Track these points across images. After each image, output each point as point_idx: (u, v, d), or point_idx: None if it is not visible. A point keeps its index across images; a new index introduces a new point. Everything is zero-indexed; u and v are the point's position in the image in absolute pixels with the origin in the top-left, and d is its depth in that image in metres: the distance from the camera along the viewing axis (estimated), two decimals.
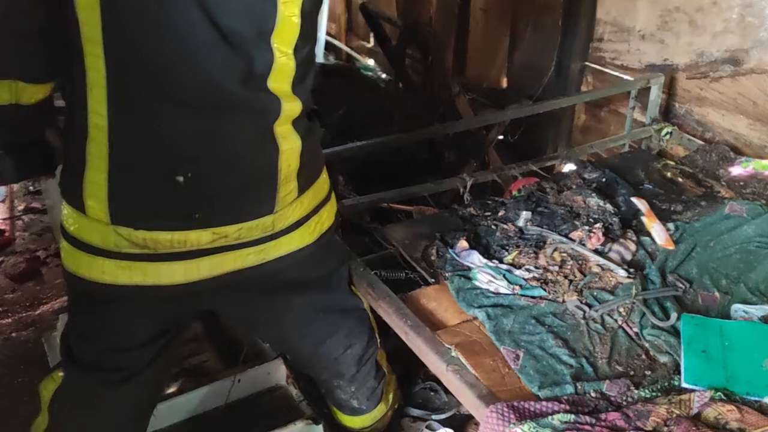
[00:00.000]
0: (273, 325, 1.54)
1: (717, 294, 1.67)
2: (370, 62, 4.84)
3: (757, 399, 1.33)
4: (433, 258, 1.84)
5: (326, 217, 1.40)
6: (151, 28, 1.01)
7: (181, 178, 1.11)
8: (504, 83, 3.57)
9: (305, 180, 1.29)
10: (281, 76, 1.13)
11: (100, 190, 1.12)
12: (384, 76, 4.46)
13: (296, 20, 1.07)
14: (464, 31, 3.78)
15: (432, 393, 2.04)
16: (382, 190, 2.29)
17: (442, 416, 1.96)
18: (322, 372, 1.68)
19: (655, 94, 2.57)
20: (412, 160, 3.02)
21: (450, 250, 1.84)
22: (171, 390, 1.93)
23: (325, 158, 1.45)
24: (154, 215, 1.15)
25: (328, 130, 3.43)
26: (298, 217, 1.30)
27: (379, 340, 1.71)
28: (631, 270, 1.73)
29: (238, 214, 1.20)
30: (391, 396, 1.84)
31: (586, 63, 3.04)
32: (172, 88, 1.06)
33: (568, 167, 2.35)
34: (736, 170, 2.20)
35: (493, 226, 1.93)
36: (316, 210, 1.35)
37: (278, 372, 2.01)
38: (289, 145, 1.20)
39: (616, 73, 2.89)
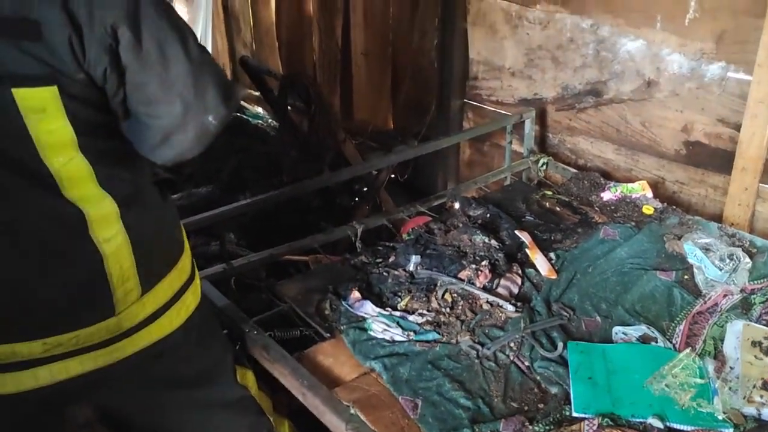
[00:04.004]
0: (152, 425, 1.44)
1: (598, 318, 1.75)
2: (259, 110, 4.82)
3: (641, 420, 1.40)
4: (327, 312, 1.82)
5: (191, 299, 1.32)
6: None
7: None
8: (390, 124, 3.65)
9: (150, 274, 1.20)
10: (75, 182, 1.05)
11: None
12: (274, 123, 4.44)
13: (65, 130, 1.00)
14: (348, 76, 3.84)
15: None
16: (277, 240, 2.26)
17: None
18: None
19: (529, 128, 2.70)
20: (305, 208, 3.00)
21: (343, 302, 1.83)
22: None
23: (181, 236, 1.33)
24: None
25: (219, 185, 3.37)
26: (153, 310, 1.21)
27: (271, 418, 1.65)
28: (519, 304, 1.79)
29: (68, 323, 1.11)
30: None
31: (465, 100, 3.16)
32: None
33: (457, 204, 2.43)
34: (607, 195, 2.34)
35: (384, 273, 1.94)
36: (177, 295, 1.26)
37: None
38: (114, 246, 1.11)
39: (492, 109, 3.03)
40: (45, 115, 0.99)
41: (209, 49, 4.82)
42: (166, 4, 1.07)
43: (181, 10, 5.37)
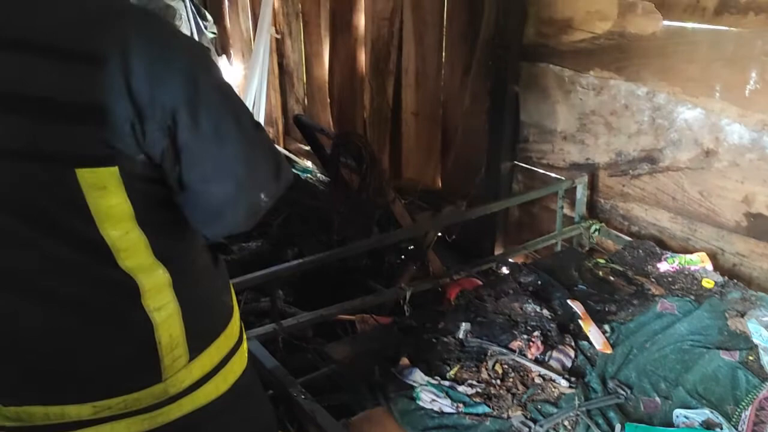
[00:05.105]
0: None
1: (658, 399, 1.67)
2: (309, 164, 4.91)
3: None
4: (375, 377, 1.80)
5: (238, 364, 1.31)
6: None
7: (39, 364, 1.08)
8: (438, 184, 3.66)
9: (199, 340, 1.20)
10: (131, 253, 1.07)
11: None
12: (323, 178, 4.52)
13: (125, 205, 1.03)
14: (398, 135, 3.89)
15: None
16: (325, 297, 2.26)
17: None
18: None
19: (581, 194, 2.67)
20: (353, 266, 3.01)
21: (392, 369, 1.80)
22: None
23: (231, 300, 1.32)
24: (22, 392, 1.10)
25: (268, 239, 3.42)
26: (200, 376, 1.21)
27: None
28: (572, 379, 1.73)
29: (117, 388, 1.12)
30: None
31: (515, 162, 3.16)
32: (7, 279, 1.02)
33: (505, 269, 2.40)
34: (664, 266, 2.27)
35: (433, 340, 1.92)
36: (225, 360, 1.26)
37: None
38: (166, 314, 1.13)
39: (543, 172, 3.01)
40: (106, 192, 1.01)
41: (263, 104, 4.97)
42: (223, 85, 1.09)
43: (239, 67, 5.58)
